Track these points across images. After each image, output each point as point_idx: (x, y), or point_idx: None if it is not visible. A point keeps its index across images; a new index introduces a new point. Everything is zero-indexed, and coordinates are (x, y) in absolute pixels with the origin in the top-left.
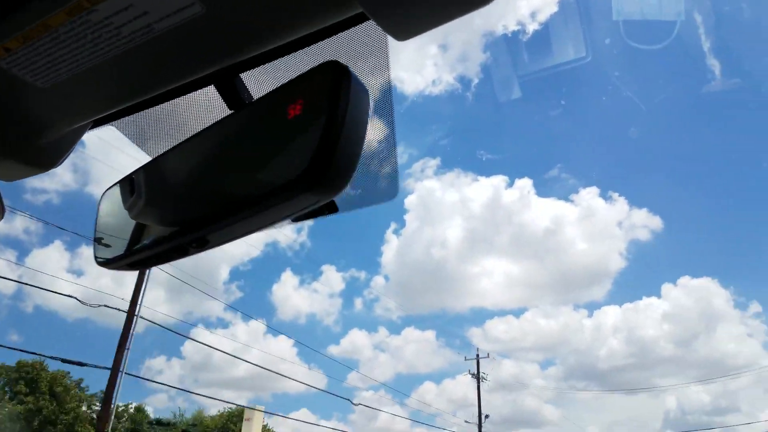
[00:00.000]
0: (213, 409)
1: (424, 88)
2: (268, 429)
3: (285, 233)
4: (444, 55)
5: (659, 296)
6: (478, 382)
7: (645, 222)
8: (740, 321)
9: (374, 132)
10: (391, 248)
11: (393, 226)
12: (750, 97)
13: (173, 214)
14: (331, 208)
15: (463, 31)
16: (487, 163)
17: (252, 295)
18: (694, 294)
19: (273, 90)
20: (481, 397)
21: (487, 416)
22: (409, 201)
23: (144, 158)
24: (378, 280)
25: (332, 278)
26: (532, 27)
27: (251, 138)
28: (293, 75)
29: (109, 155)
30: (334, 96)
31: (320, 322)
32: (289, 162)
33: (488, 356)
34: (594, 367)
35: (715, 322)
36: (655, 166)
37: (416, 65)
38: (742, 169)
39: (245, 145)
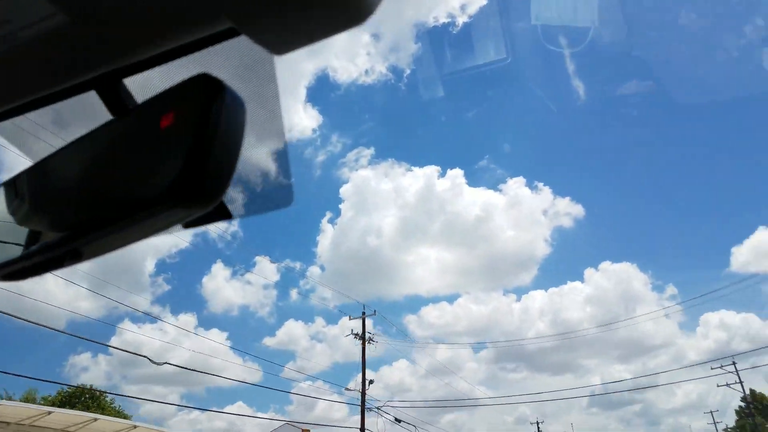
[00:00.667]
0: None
1: (358, 77)
2: None
3: (215, 224)
4: (377, 45)
5: (582, 281)
6: (363, 343)
7: (568, 210)
8: (658, 303)
9: (263, 143)
10: (327, 238)
11: (328, 215)
12: (660, 96)
13: (48, 224)
14: (224, 214)
15: (395, 21)
16: (421, 154)
17: (180, 288)
18: (614, 278)
19: (148, 99)
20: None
21: (371, 381)
22: (344, 190)
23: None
24: (314, 271)
25: (266, 269)
26: (461, 20)
27: (126, 147)
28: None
29: None
30: (205, 109)
31: (254, 314)
32: (160, 175)
33: (375, 313)
34: (523, 349)
35: (634, 304)
36: (577, 158)
37: (349, 54)
38: (656, 160)
39: (119, 154)
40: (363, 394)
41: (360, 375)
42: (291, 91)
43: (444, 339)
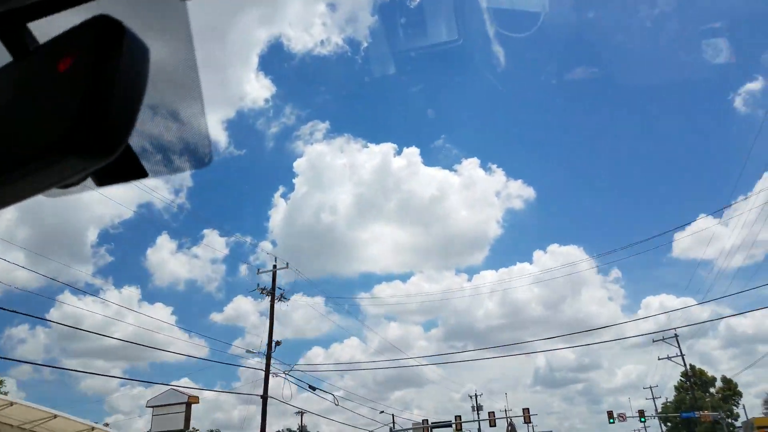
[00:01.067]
0: None
1: (313, 48)
2: None
3: (160, 195)
4: (333, 16)
5: (531, 262)
6: (272, 300)
7: (520, 192)
8: (602, 285)
9: (176, 95)
10: (279, 212)
11: (281, 189)
12: (607, 82)
13: None
14: (138, 172)
15: None
16: (377, 130)
17: (124, 260)
18: (561, 260)
19: (46, 42)
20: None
21: (278, 343)
22: (299, 165)
23: None
24: (265, 246)
25: (215, 243)
26: None
27: (22, 91)
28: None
29: None
30: (103, 52)
31: (201, 288)
32: (55, 121)
33: (287, 266)
34: (472, 328)
35: (580, 286)
36: (529, 141)
37: (304, 23)
38: (604, 146)
39: (14, 98)
40: (268, 357)
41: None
42: (242, 58)
43: (396, 317)
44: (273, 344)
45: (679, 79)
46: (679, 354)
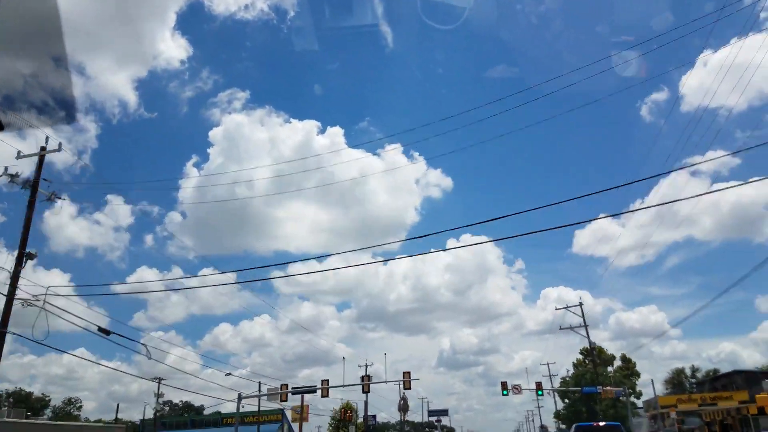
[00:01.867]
0: None
1: (236, 12)
2: None
3: (62, 156)
4: None
5: (444, 250)
6: (33, 193)
7: (438, 181)
8: (506, 275)
9: (33, 44)
10: (191, 182)
11: (194, 158)
12: (523, 83)
13: None
14: None
15: None
16: (301, 106)
17: (17, 221)
18: (472, 249)
19: None
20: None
21: (31, 255)
22: (215, 134)
23: None
24: (174, 217)
25: (119, 210)
26: None
27: None
28: None
29: None
30: None
31: (102, 256)
32: None
33: (60, 148)
34: (384, 310)
35: (486, 274)
36: (451, 133)
37: None
38: (518, 144)
39: None
40: (15, 277)
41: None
42: (157, 14)
43: (310, 297)
44: (24, 257)
45: (591, 86)
46: (583, 324)
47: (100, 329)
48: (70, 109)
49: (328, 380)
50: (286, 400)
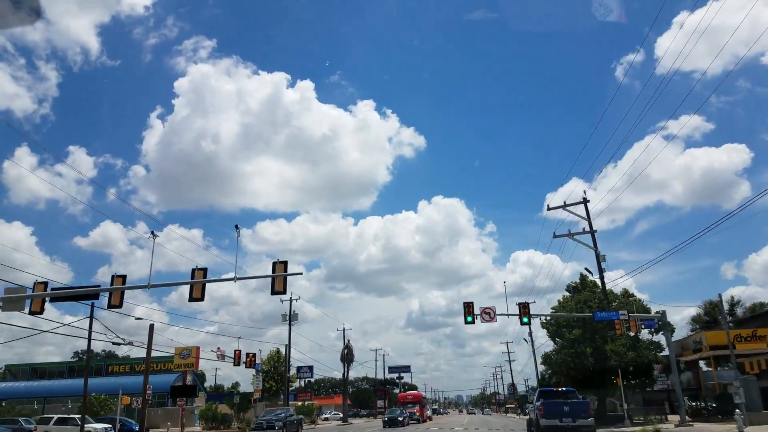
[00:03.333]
0: None
1: None
2: None
3: (22, 104)
4: None
5: (416, 211)
6: None
7: (412, 140)
8: (477, 238)
9: None
10: (155, 135)
11: (158, 109)
12: (503, 28)
13: None
14: None
15: None
16: (270, 56)
17: None
18: (443, 211)
19: None
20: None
21: None
22: (180, 85)
23: None
24: (137, 170)
25: (82, 162)
26: None
27: None
28: None
29: None
30: None
31: (64, 210)
32: None
33: None
34: (353, 271)
35: (457, 237)
36: (424, 89)
37: None
38: (494, 101)
39: None
40: None
41: None
42: None
43: (278, 255)
44: None
45: (570, 32)
46: (587, 230)
47: None
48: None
49: (124, 276)
50: (39, 312)
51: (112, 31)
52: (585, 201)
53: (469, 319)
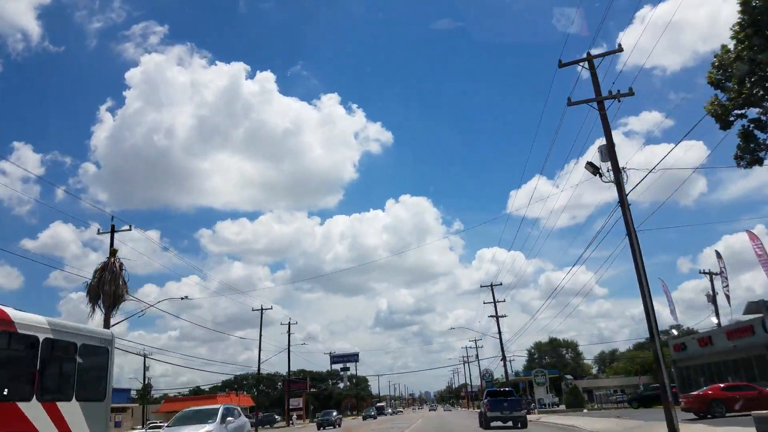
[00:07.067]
0: None
1: None
2: None
3: None
4: None
5: (383, 209)
6: None
7: (378, 136)
8: (444, 236)
9: None
10: (105, 129)
11: (109, 102)
12: (468, 38)
13: None
14: None
15: None
16: (228, 45)
17: None
18: (411, 210)
19: None
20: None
21: None
22: (132, 76)
23: None
24: (88, 168)
25: (27, 159)
26: None
27: None
28: None
29: None
30: None
31: (8, 211)
32: None
33: None
34: (320, 270)
35: (425, 235)
36: (392, 85)
37: None
38: (460, 101)
39: None
40: None
41: None
42: None
43: (241, 256)
44: None
45: (533, 41)
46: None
47: None
48: None
49: None
50: None
51: (54, 14)
52: (590, 59)
53: None
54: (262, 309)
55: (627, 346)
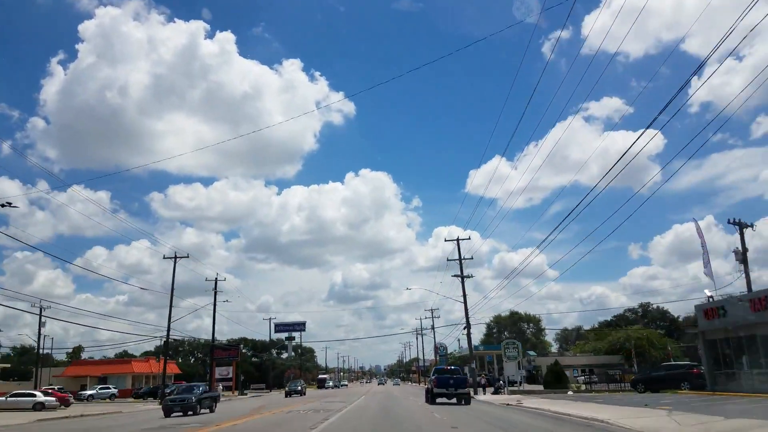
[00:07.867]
0: None
1: None
2: None
3: None
4: None
5: (342, 182)
6: None
7: (341, 106)
8: (402, 212)
9: None
10: (56, 83)
11: (61, 55)
12: (428, 19)
13: None
14: None
15: None
16: (184, 1)
17: None
18: (371, 184)
19: None
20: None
21: None
22: (84, 28)
23: None
24: (36, 123)
25: None
26: None
27: None
28: None
29: None
30: None
31: None
32: None
33: None
34: (275, 241)
35: (383, 210)
36: (356, 55)
37: None
38: (424, 77)
39: None
40: None
41: None
42: None
43: (193, 223)
44: None
45: (496, 23)
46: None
47: None
48: None
49: None
50: None
51: None
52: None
53: None
54: (216, 279)
55: (592, 323)
